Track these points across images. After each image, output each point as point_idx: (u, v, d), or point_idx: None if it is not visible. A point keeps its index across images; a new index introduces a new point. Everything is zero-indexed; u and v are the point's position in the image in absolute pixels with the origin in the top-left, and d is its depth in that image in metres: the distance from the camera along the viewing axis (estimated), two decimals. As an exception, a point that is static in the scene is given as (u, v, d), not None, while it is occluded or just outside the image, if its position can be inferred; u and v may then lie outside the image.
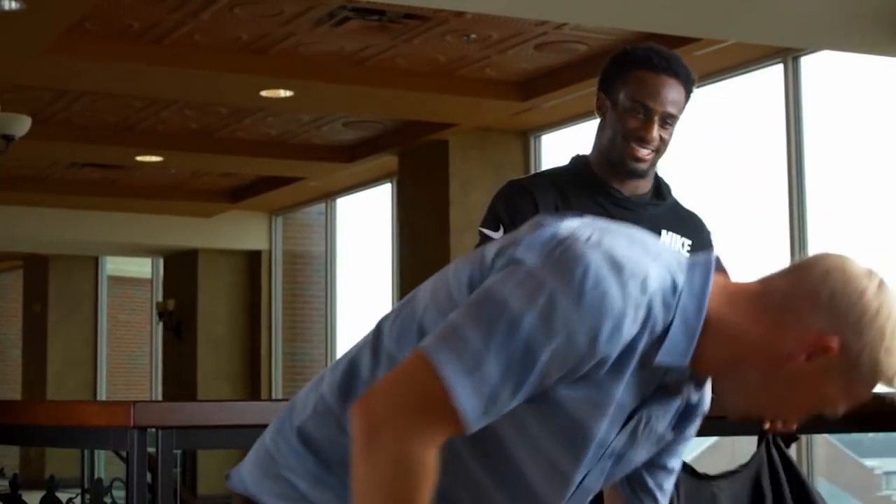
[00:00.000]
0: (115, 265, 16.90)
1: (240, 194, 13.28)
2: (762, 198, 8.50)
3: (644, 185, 2.92)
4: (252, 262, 14.10)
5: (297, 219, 13.96)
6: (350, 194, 12.95)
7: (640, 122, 2.82)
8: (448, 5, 6.82)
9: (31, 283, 16.64)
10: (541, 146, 10.28)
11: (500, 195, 2.94)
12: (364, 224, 12.95)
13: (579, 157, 2.98)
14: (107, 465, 11.62)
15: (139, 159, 11.38)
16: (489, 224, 2.90)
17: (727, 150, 8.91)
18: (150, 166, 11.80)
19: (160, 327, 14.88)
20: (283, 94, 8.95)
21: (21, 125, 8.83)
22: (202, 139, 10.81)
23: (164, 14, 7.51)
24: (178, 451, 3.15)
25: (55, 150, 11.00)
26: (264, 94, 8.95)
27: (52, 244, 14.96)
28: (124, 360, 17.12)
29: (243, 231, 13.96)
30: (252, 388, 13.90)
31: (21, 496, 4.41)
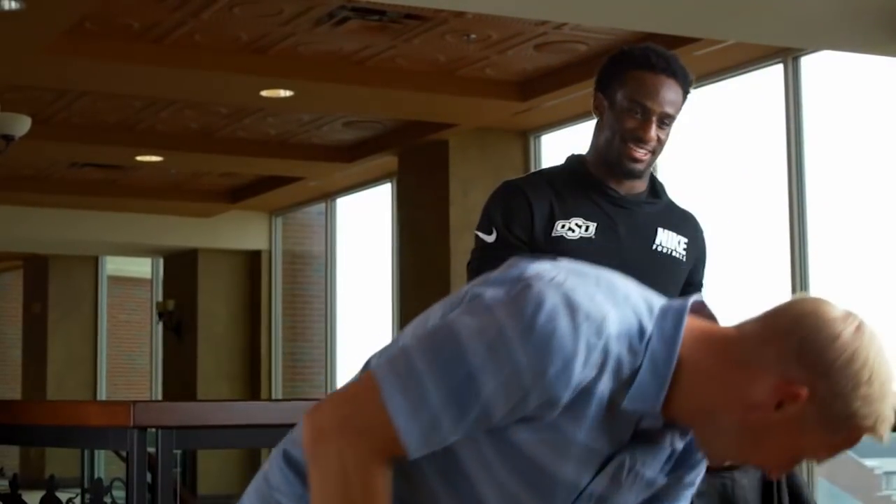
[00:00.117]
0: (115, 265, 16.89)
1: (240, 194, 13.28)
2: (762, 198, 8.49)
3: (640, 185, 2.91)
4: (252, 262, 14.10)
5: (297, 219, 13.96)
6: (350, 194, 12.95)
7: (638, 123, 2.82)
8: (448, 5, 6.81)
9: (31, 282, 16.64)
10: (541, 146, 10.27)
11: (494, 197, 2.93)
12: (364, 224, 12.95)
13: (575, 157, 2.97)
14: (107, 464, 11.61)
15: (139, 159, 11.38)
16: (483, 227, 2.90)
17: (727, 151, 8.91)
18: (150, 166, 11.80)
19: (160, 327, 14.87)
20: (283, 94, 8.95)
21: (21, 125, 8.83)
22: (202, 139, 10.81)
23: (164, 14, 7.51)
24: (178, 451, 3.15)
25: (55, 150, 11.00)
26: (264, 94, 8.95)
27: (52, 244, 14.96)
28: (124, 360, 17.11)
29: (243, 231, 13.96)
30: (252, 388, 13.90)
31: (21, 496, 4.41)
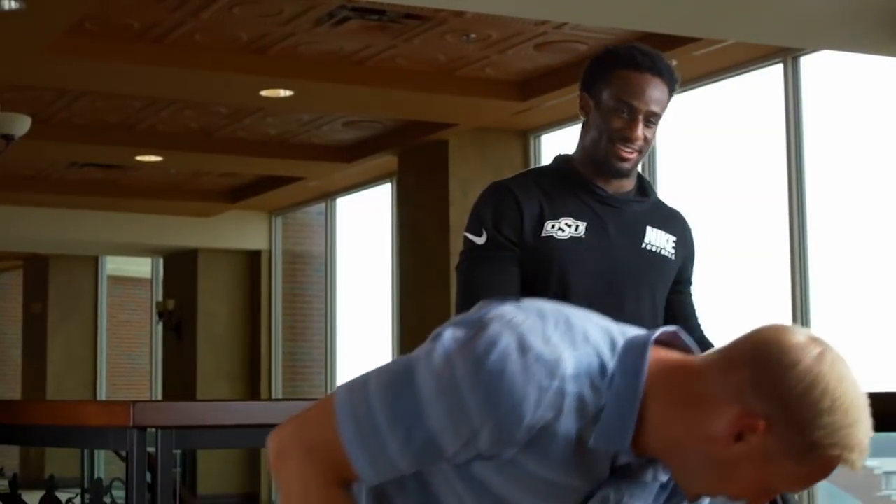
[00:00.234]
0: (115, 265, 16.90)
1: (240, 194, 13.28)
2: (762, 198, 8.49)
3: (628, 184, 2.92)
4: (252, 261, 14.10)
5: (297, 219, 13.96)
6: (350, 194, 12.95)
7: (625, 122, 2.81)
8: (448, 5, 6.81)
9: (31, 282, 16.64)
10: (541, 146, 10.28)
11: (483, 199, 2.92)
12: (364, 224, 12.95)
13: (563, 157, 2.97)
14: (107, 464, 11.62)
15: (139, 159, 11.38)
16: (473, 229, 2.88)
17: (727, 151, 8.91)
18: (150, 166, 11.80)
19: (160, 327, 14.87)
20: (283, 93, 8.95)
21: (21, 125, 8.83)
22: (202, 139, 10.81)
23: (164, 14, 7.51)
24: (178, 451, 3.15)
25: (55, 150, 11.00)
26: (264, 93, 8.95)
27: (52, 244, 14.96)
28: (124, 360, 17.12)
29: (243, 231, 13.96)
30: (252, 388, 13.90)
31: (21, 496, 4.41)
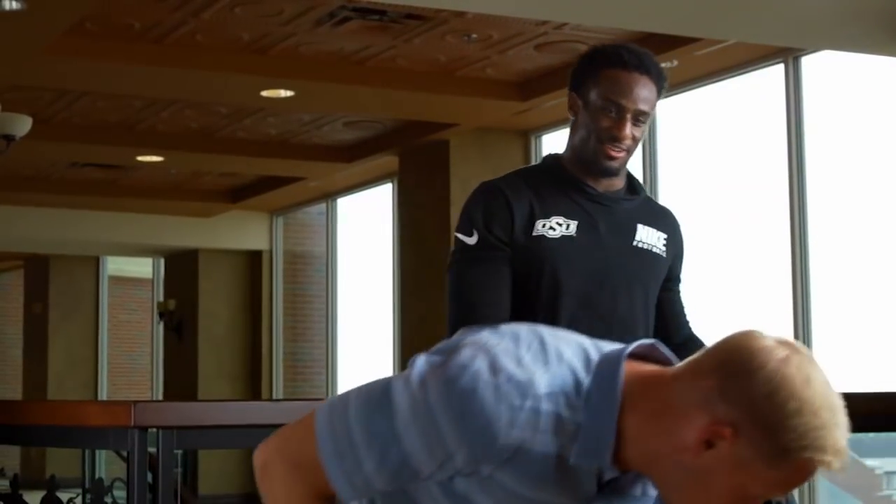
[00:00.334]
0: (115, 265, 16.90)
1: (240, 194, 13.28)
2: (763, 198, 8.49)
3: (618, 182, 2.92)
4: (253, 262, 14.10)
5: (297, 219, 13.96)
6: (350, 194, 12.95)
7: (613, 121, 2.81)
8: (448, 5, 6.81)
9: (32, 282, 16.65)
10: (541, 146, 10.28)
11: (473, 199, 2.92)
12: (365, 224, 12.95)
13: (552, 156, 2.98)
14: (107, 464, 11.62)
15: (139, 159, 11.38)
16: (464, 229, 2.89)
17: (727, 151, 8.91)
18: (151, 166, 11.80)
19: (161, 327, 14.87)
20: (284, 94, 8.95)
21: (21, 125, 8.83)
22: (202, 139, 10.81)
23: (165, 14, 7.51)
24: (179, 451, 3.15)
25: (55, 150, 11.00)
26: (264, 94, 8.95)
27: (53, 244, 14.96)
28: (125, 360, 17.12)
29: (244, 231, 13.96)
30: (253, 388, 13.90)
31: (22, 496, 4.41)
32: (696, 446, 1.60)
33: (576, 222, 2.84)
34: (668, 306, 3.01)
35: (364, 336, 12.82)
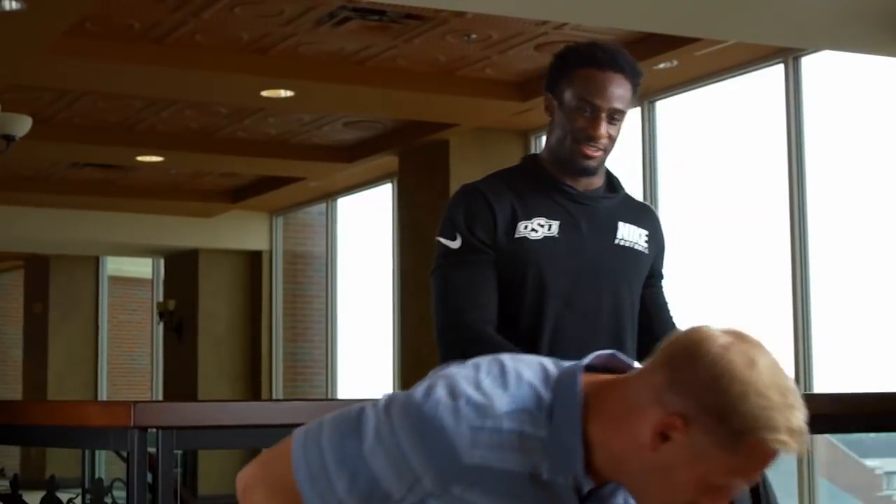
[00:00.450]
0: (115, 265, 16.90)
1: (240, 194, 13.28)
2: (763, 198, 8.49)
3: (597, 181, 2.91)
4: (253, 262, 14.10)
5: (297, 219, 13.96)
6: (351, 194, 12.95)
7: (588, 121, 2.80)
8: (448, 5, 6.81)
9: (32, 283, 16.65)
10: (541, 146, 10.24)
11: (454, 202, 2.89)
12: (365, 224, 12.95)
13: (531, 157, 2.97)
14: (107, 465, 11.61)
15: (139, 159, 11.38)
16: (446, 233, 2.86)
17: (727, 151, 8.91)
18: (151, 166, 11.80)
19: (161, 327, 14.87)
20: (284, 94, 8.95)
21: (22, 125, 8.83)
22: (202, 139, 10.81)
23: (165, 14, 7.51)
24: (179, 452, 3.15)
25: (55, 150, 11.00)
26: (265, 94, 8.95)
27: (53, 244, 14.96)
28: (125, 361, 17.12)
29: (244, 231, 13.96)
30: (253, 388, 13.90)
31: (21, 496, 4.41)
32: (652, 441, 1.64)
33: (557, 223, 2.83)
34: (651, 302, 3.01)
35: (364, 336, 12.82)
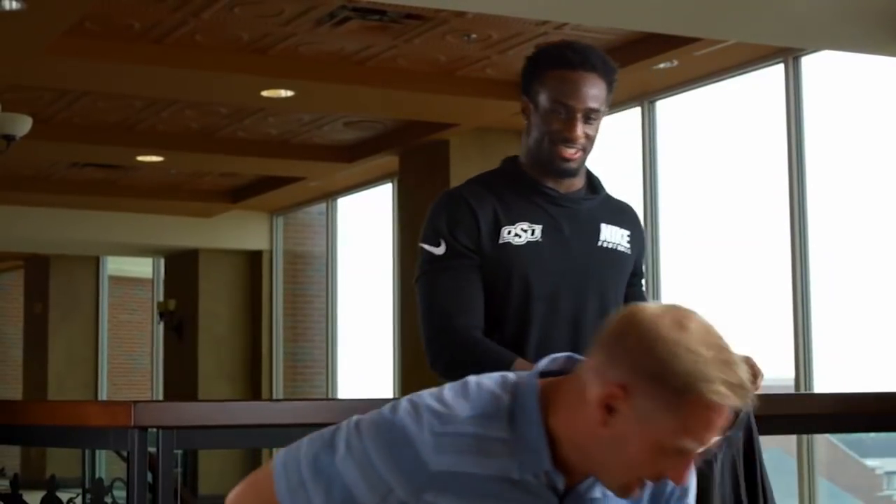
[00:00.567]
0: (115, 265, 16.90)
1: (240, 194, 13.28)
2: (763, 198, 8.49)
3: (577, 182, 2.89)
4: (253, 262, 14.10)
5: (297, 219, 13.96)
6: (351, 194, 12.95)
7: (563, 123, 2.78)
8: (448, 5, 6.81)
9: (32, 282, 16.65)
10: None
11: (437, 208, 2.86)
12: (365, 224, 12.95)
13: (510, 160, 2.96)
14: (108, 464, 11.62)
15: (139, 159, 11.38)
16: (430, 240, 2.83)
17: (727, 151, 8.91)
18: (151, 166, 11.80)
19: (161, 327, 14.88)
20: (284, 94, 8.95)
21: (21, 125, 8.83)
22: (202, 139, 10.81)
23: (165, 14, 7.52)
24: (179, 451, 3.15)
25: (56, 150, 11.00)
26: (265, 94, 8.95)
27: (53, 244, 14.97)
28: (125, 360, 17.13)
29: (244, 231, 13.96)
30: (253, 388, 13.90)
31: (22, 496, 4.41)
32: (601, 416, 1.70)
33: (540, 226, 2.81)
34: (631, 301, 3.00)
35: (364, 336, 12.82)
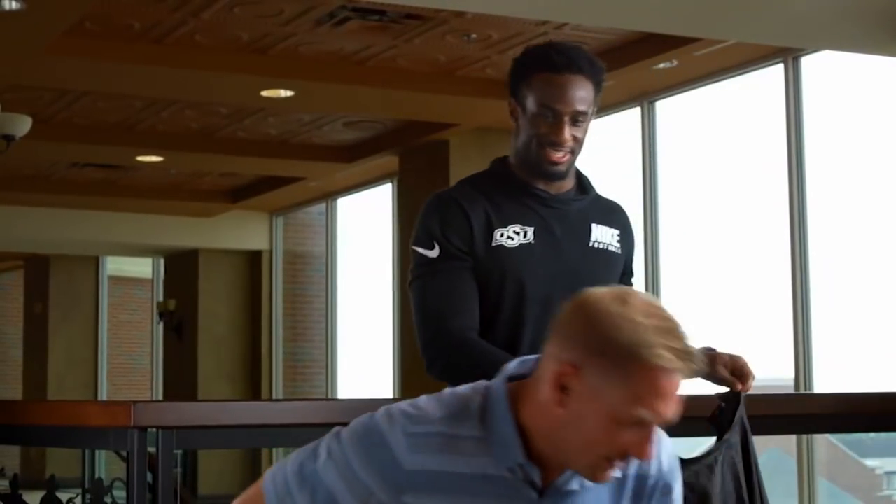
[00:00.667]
0: (115, 265, 16.90)
1: (240, 194, 13.28)
2: (763, 198, 8.49)
3: (567, 183, 2.89)
4: (253, 262, 14.10)
5: (297, 219, 13.96)
6: (350, 194, 12.95)
7: (550, 126, 2.77)
8: (448, 5, 6.81)
9: (32, 283, 16.65)
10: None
11: (428, 211, 2.86)
12: (365, 224, 12.95)
13: (500, 161, 2.94)
14: (107, 464, 11.62)
15: (139, 159, 11.38)
16: (423, 243, 2.84)
17: (727, 151, 8.91)
18: (151, 166, 11.80)
19: (161, 327, 14.88)
20: (284, 94, 8.95)
21: (21, 125, 8.83)
22: (202, 139, 10.81)
23: (165, 14, 7.52)
24: (179, 451, 3.15)
25: (55, 150, 11.00)
26: (264, 94, 8.95)
27: (53, 244, 14.97)
28: (125, 360, 17.13)
29: (244, 231, 13.96)
30: (252, 388, 13.90)
31: (21, 496, 4.41)
32: (556, 397, 1.79)
33: (532, 228, 2.81)
34: None
35: (364, 336, 12.82)
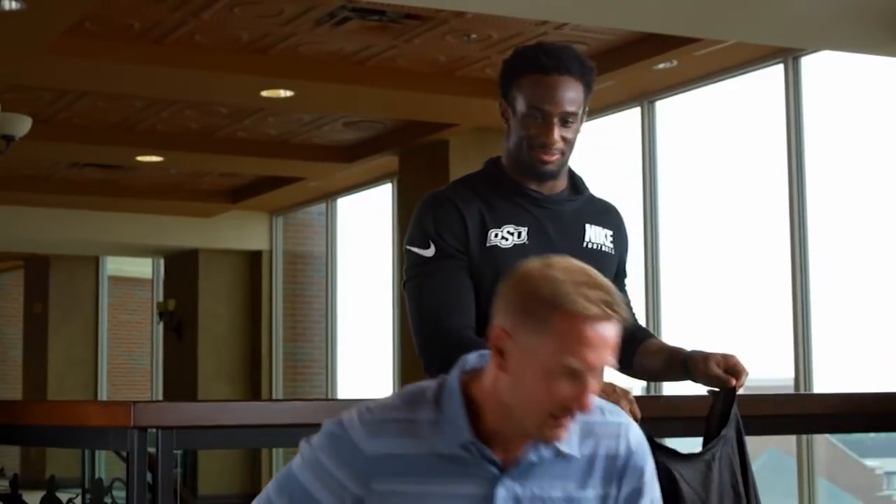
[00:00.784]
0: (115, 265, 16.90)
1: (240, 194, 13.28)
2: (763, 198, 8.49)
3: (560, 184, 2.89)
4: (252, 262, 14.10)
5: (297, 219, 13.96)
6: (350, 194, 12.95)
7: (540, 128, 2.77)
8: (448, 5, 6.81)
9: (32, 283, 16.65)
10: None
11: (423, 210, 2.89)
12: (365, 224, 12.95)
13: (493, 161, 2.95)
14: (107, 464, 11.62)
15: (139, 159, 11.38)
16: (418, 242, 2.87)
17: (727, 151, 8.91)
18: (151, 166, 11.80)
19: (161, 327, 14.88)
20: (284, 94, 8.95)
21: (21, 125, 8.83)
22: (202, 139, 10.81)
23: (165, 14, 7.52)
24: (179, 451, 3.15)
25: (55, 150, 11.00)
26: (264, 94, 8.95)
27: (53, 244, 14.97)
28: (125, 360, 17.12)
29: (244, 231, 13.96)
30: (252, 388, 13.90)
31: (21, 496, 4.41)
32: (497, 361, 1.92)
33: (525, 229, 2.82)
34: None
35: (364, 336, 12.82)
